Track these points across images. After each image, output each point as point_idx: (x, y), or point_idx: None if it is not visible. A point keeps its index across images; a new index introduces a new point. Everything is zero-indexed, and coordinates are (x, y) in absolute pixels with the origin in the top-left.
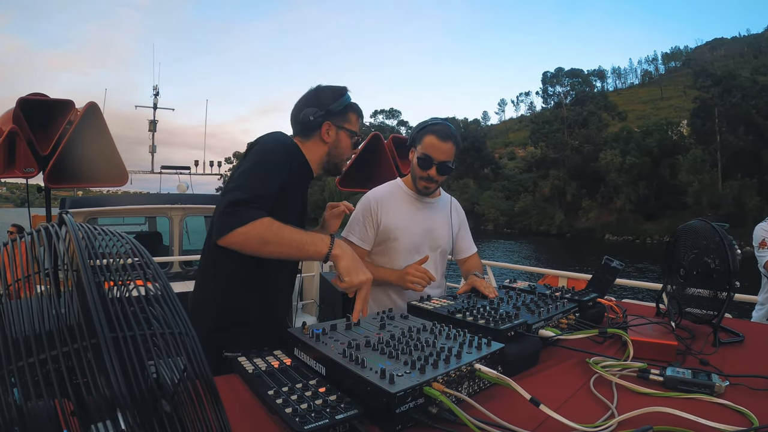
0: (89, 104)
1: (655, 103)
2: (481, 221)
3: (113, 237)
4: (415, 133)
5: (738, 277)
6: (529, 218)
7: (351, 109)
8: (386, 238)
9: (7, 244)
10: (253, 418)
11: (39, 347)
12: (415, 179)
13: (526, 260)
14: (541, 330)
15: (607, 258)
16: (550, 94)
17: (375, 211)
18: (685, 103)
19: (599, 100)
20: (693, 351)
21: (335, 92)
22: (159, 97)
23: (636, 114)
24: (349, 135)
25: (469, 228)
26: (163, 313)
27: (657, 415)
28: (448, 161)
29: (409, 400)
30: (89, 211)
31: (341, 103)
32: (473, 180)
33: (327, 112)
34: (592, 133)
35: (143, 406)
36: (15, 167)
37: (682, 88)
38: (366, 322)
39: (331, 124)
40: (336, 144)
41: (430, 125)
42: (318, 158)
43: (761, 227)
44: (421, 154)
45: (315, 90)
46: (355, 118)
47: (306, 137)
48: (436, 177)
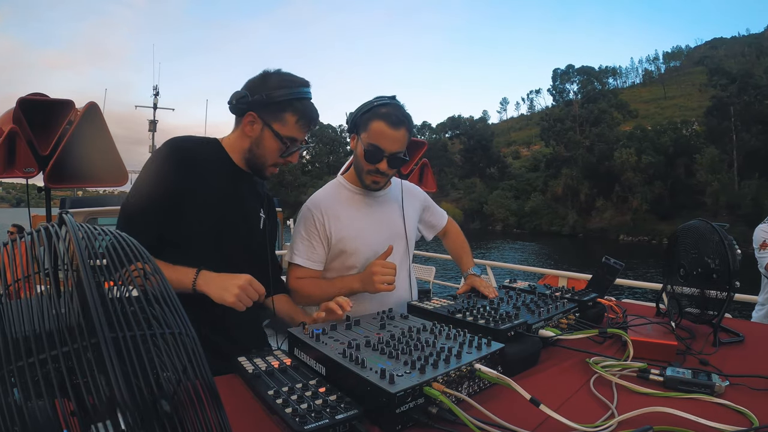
0: (89, 104)
1: (658, 102)
2: (489, 221)
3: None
4: (357, 116)
5: (738, 277)
6: (540, 218)
7: (290, 108)
8: (341, 251)
9: (7, 244)
10: (253, 418)
11: (39, 347)
12: (361, 173)
13: (541, 262)
14: (541, 330)
15: (607, 258)
16: (561, 91)
17: (320, 222)
18: (690, 102)
19: (611, 98)
20: (693, 351)
21: (282, 81)
22: (159, 97)
23: (640, 113)
24: (275, 138)
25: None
26: (163, 313)
27: (657, 415)
28: (401, 152)
29: (409, 400)
30: (89, 211)
31: (275, 96)
32: (479, 179)
33: (254, 100)
34: (605, 132)
35: (143, 407)
36: (15, 167)
37: (685, 87)
38: (366, 322)
39: (256, 116)
40: (258, 142)
41: (377, 107)
42: (240, 152)
43: (761, 228)
44: (368, 145)
45: (265, 73)
46: (293, 120)
47: (235, 125)
48: (387, 171)
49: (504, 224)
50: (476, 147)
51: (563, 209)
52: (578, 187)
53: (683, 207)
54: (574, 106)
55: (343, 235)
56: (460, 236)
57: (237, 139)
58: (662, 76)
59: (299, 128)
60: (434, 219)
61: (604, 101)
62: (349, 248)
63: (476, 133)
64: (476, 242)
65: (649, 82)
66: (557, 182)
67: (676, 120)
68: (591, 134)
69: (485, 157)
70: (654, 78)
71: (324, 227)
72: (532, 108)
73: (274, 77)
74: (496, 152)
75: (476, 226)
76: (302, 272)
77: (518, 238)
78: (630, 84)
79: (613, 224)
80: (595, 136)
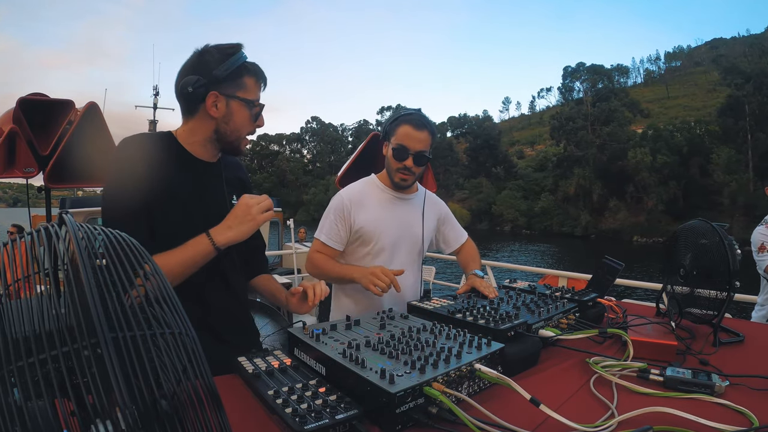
0: (89, 104)
1: (661, 102)
2: (497, 222)
3: None
4: (387, 125)
5: (738, 277)
6: (551, 219)
7: (246, 72)
8: (359, 238)
9: (7, 244)
10: (253, 418)
11: (39, 347)
12: (391, 172)
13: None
14: (541, 330)
15: (607, 258)
16: (571, 89)
17: (348, 211)
18: (694, 101)
19: (622, 96)
20: (693, 351)
21: (222, 52)
22: (159, 97)
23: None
24: (244, 105)
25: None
26: (163, 313)
27: (657, 415)
28: (425, 150)
29: (409, 400)
30: (89, 211)
31: (230, 65)
32: (486, 179)
33: (211, 80)
34: (617, 131)
35: (143, 407)
36: (15, 167)
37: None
38: (366, 322)
39: (219, 93)
40: (227, 118)
41: (404, 115)
42: (204, 138)
43: (759, 231)
44: (396, 145)
45: (199, 53)
46: (252, 82)
47: (190, 114)
48: (414, 168)
49: (513, 225)
50: (483, 146)
51: (574, 210)
52: (591, 187)
53: (698, 208)
54: (586, 104)
55: (363, 224)
56: (473, 249)
57: (197, 126)
58: (663, 75)
59: (258, 87)
60: (452, 234)
61: (615, 100)
62: (365, 236)
63: (483, 132)
64: (485, 244)
65: (651, 81)
66: (569, 182)
67: (689, 119)
68: (602, 133)
69: (491, 157)
70: (655, 78)
71: (350, 214)
72: (533, 108)
73: (213, 52)
74: (503, 152)
75: (484, 227)
76: (322, 248)
77: (529, 239)
78: (632, 84)
79: (626, 225)
80: (607, 135)
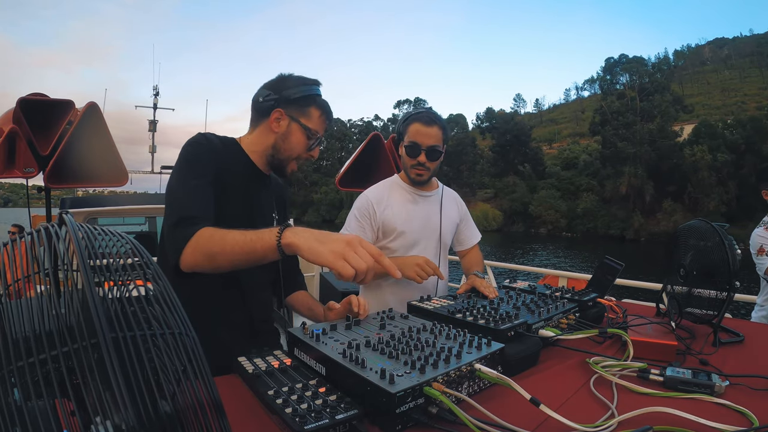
0: (89, 104)
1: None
2: (532, 224)
3: (113, 237)
4: (399, 126)
5: (738, 277)
6: (596, 221)
7: (313, 103)
8: (385, 235)
9: (7, 244)
10: (253, 418)
11: (39, 347)
12: (407, 170)
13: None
14: (541, 330)
15: (607, 258)
16: (612, 83)
17: (373, 211)
18: (712, 100)
19: (664, 91)
20: (693, 351)
21: (299, 79)
22: (159, 97)
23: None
24: (303, 131)
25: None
26: (163, 313)
27: (657, 415)
28: (437, 145)
29: (409, 400)
30: (89, 211)
31: (301, 91)
32: (516, 177)
33: (281, 97)
34: (666, 127)
35: (144, 407)
36: (15, 167)
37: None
38: (366, 322)
39: (283, 112)
40: (285, 137)
41: (413, 115)
42: (262, 150)
43: (757, 234)
44: (409, 143)
45: (281, 75)
46: (317, 114)
47: (254, 125)
48: (427, 163)
49: (553, 227)
50: (513, 142)
51: (622, 211)
52: (643, 186)
53: (754, 209)
54: (634, 99)
55: (386, 220)
56: (478, 255)
57: (259, 137)
58: (672, 75)
59: (322, 122)
60: (467, 233)
61: (659, 95)
62: (388, 231)
63: (511, 128)
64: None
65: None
66: (617, 181)
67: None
68: (650, 129)
69: (520, 154)
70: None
71: (375, 212)
72: (538, 106)
73: (293, 77)
74: (533, 149)
75: (519, 230)
76: None
77: (571, 243)
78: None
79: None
80: (657, 131)
